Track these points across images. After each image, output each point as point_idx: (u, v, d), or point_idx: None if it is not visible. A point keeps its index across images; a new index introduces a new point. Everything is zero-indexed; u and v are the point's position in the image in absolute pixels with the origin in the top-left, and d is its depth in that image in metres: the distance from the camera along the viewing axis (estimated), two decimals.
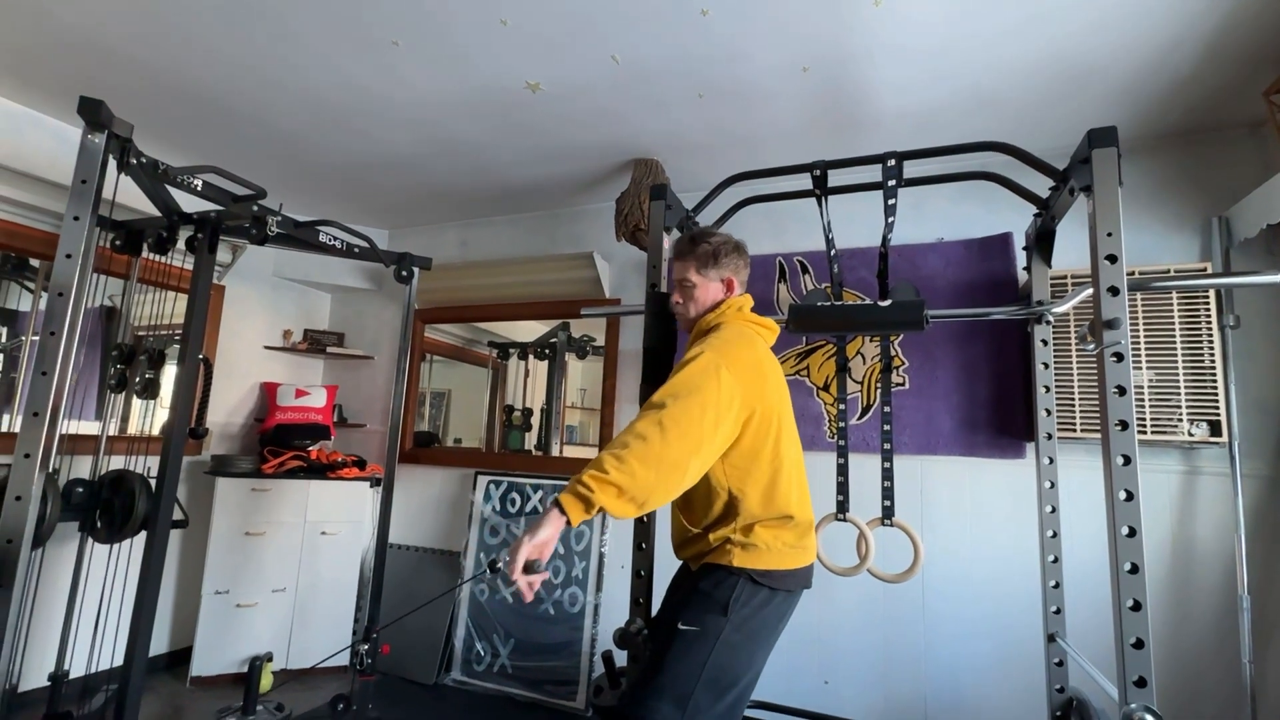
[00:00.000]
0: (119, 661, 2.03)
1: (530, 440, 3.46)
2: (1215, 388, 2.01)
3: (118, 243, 2.25)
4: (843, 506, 2.11)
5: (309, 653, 2.91)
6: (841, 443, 2.15)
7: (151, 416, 2.94)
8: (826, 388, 2.61)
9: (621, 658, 1.65)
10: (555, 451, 3.39)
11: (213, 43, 1.98)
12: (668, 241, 1.80)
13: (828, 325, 1.98)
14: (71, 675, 2.19)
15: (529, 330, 3.58)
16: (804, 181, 1.87)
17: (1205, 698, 2.04)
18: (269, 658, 2.80)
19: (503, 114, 2.35)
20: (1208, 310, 2.05)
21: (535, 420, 3.48)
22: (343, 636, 2.99)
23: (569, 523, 1.11)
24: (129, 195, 2.11)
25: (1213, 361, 2.02)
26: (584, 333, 3.38)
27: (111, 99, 1.77)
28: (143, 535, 2.06)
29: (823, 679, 2.47)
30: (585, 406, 3.45)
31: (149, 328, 2.31)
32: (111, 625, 2.26)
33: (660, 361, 1.70)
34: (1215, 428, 1.99)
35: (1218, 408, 2.00)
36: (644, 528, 1.65)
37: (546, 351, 3.52)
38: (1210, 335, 2.03)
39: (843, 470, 2.13)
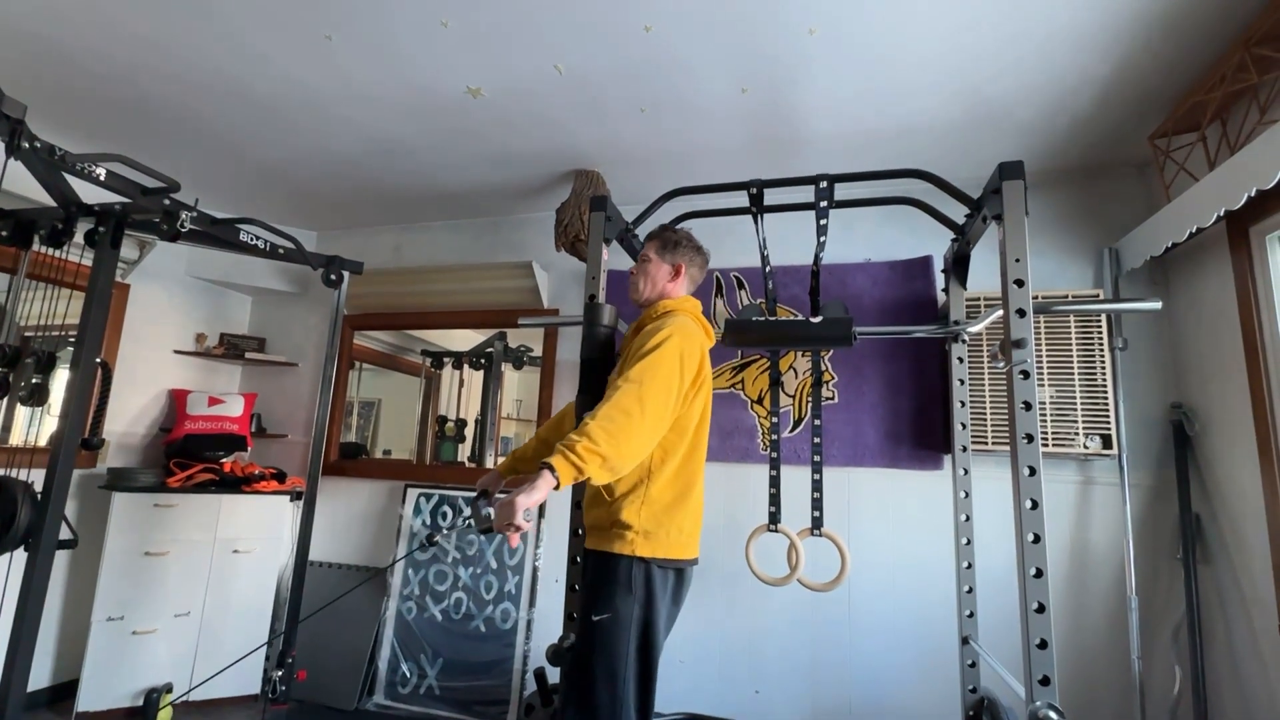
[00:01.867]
0: None
1: (464, 452, 3.36)
2: (1107, 404, 2.19)
3: (4, 234, 2.05)
4: (774, 518, 2.16)
5: (215, 682, 2.70)
6: (774, 455, 2.21)
7: (38, 425, 2.68)
8: (760, 401, 2.67)
9: (555, 675, 1.61)
10: (490, 463, 3.31)
11: (124, 20, 1.84)
12: (607, 253, 1.81)
13: (762, 339, 2.03)
14: None
15: (464, 339, 3.49)
16: (741, 199, 1.92)
17: (1100, 692, 2.19)
18: (168, 689, 2.58)
19: (442, 117, 2.31)
20: (1100, 333, 2.23)
21: (469, 431, 3.39)
22: (254, 663, 2.79)
23: (558, 486, 1.22)
24: (20, 182, 1.93)
25: (1104, 380, 2.20)
26: (521, 342, 3.33)
27: (4, 78, 1.62)
28: (23, 555, 1.86)
29: (754, 689, 2.51)
30: (521, 418, 3.39)
31: (39, 328, 2.11)
32: None
33: (598, 372, 1.69)
34: (1107, 441, 2.17)
35: (1109, 422, 2.18)
36: (580, 541, 1.63)
37: (482, 361, 3.44)
38: (1103, 356, 2.22)
39: (775, 482, 2.18)
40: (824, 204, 1.82)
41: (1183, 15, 1.65)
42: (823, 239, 1.91)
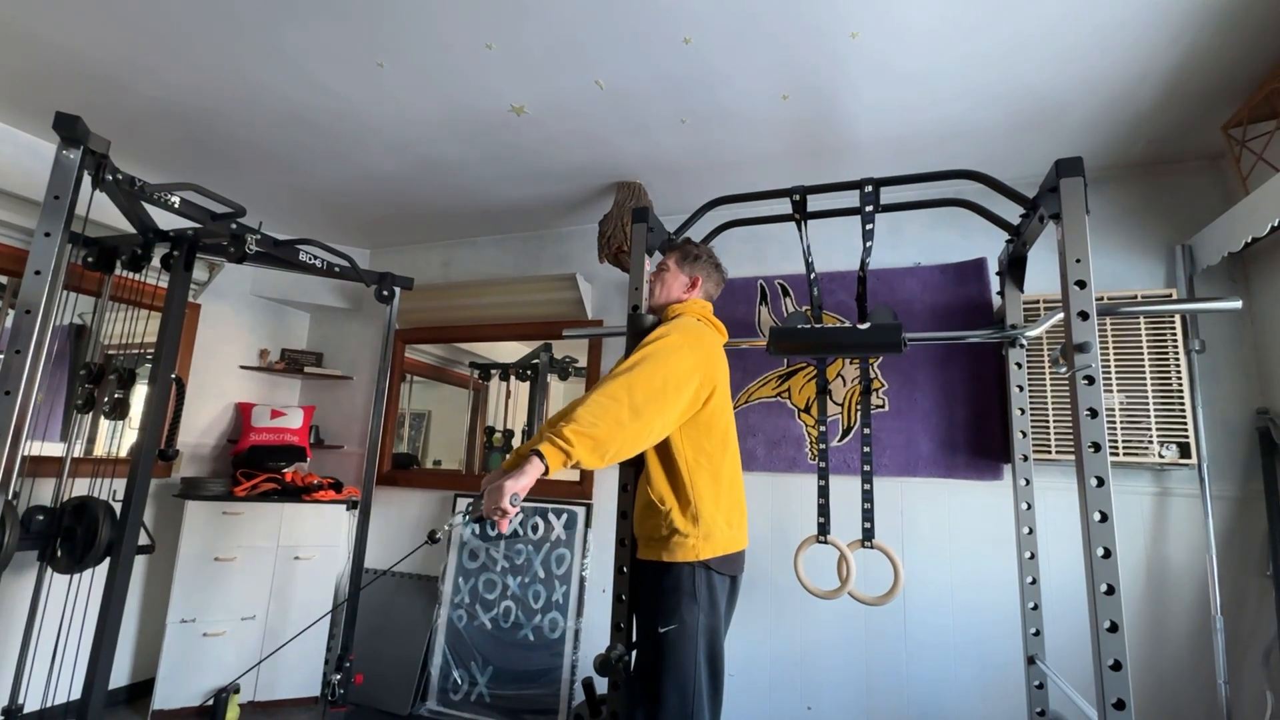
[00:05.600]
0: (77, 694, 1.94)
1: None
2: (1183, 410, 2.06)
3: (90, 260, 2.21)
4: (823, 528, 2.11)
5: (278, 683, 2.81)
6: (822, 465, 2.16)
7: (119, 438, 2.86)
8: (807, 410, 2.62)
9: (602, 685, 1.61)
10: None
11: (195, 60, 1.97)
12: (649, 264, 1.81)
13: (808, 347, 2.00)
14: (26, 710, 2.09)
15: (511, 351, 3.56)
16: (784, 206, 1.90)
17: (1183, 718, 2.05)
18: (235, 689, 2.70)
19: (487, 136, 2.37)
20: (1174, 335, 2.11)
21: (516, 442, 3.45)
22: (314, 666, 2.89)
23: (547, 471, 1.21)
24: (103, 212, 2.07)
25: (1180, 385, 2.07)
26: (566, 354, 3.37)
27: (90, 115, 1.75)
28: (105, 562, 1.98)
29: (805, 704, 2.45)
30: None
31: (120, 346, 2.26)
32: (70, 656, 2.16)
33: None
34: (1184, 450, 2.04)
35: (1186, 430, 2.04)
36: (626, 551, 1.63)
37: (528, 372, 3.50)
38: (1177, 359, 2.09)
39: (823, 492, 2.13)
40: (870, 208, 1.78)
41: None
42: (869, 244, 1.87)
